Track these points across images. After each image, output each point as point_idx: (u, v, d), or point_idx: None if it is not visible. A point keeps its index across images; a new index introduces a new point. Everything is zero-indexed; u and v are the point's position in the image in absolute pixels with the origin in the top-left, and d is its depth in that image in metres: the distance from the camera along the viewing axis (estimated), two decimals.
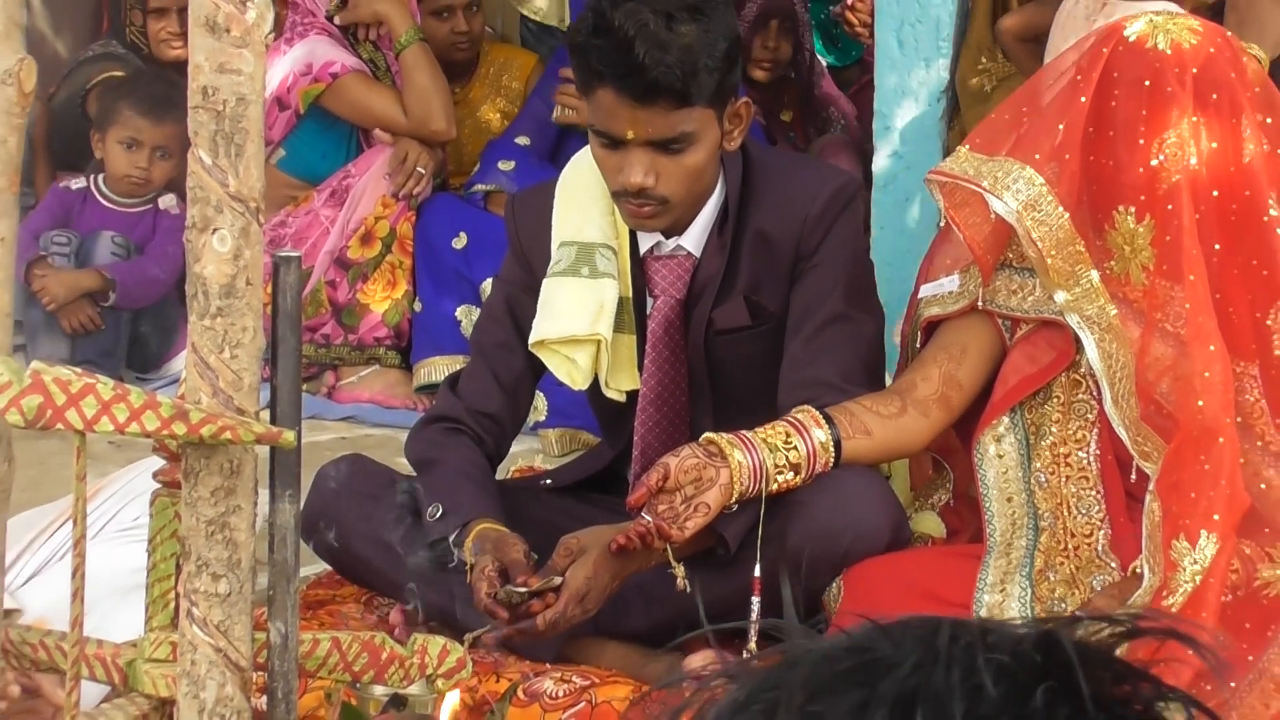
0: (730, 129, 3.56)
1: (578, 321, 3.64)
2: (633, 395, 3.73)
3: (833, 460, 3.33)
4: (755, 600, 3.30)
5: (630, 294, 3.70)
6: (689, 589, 3.27)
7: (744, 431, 3.28)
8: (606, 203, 3.67)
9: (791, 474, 3.28)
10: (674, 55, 3.37)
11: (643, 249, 3.70)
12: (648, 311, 3.71)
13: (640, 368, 3.71)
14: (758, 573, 3.29)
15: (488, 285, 4.89)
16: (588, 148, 3.71)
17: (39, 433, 2.11)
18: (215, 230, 2.05)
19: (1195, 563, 3.15)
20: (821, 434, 3.31)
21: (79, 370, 2.09)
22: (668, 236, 3.67)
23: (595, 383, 3.70)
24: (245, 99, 2.05)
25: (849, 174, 3.97)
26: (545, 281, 3.69)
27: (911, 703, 0.85)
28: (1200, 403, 3.20)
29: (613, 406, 3.78)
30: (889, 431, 3.40)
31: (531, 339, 3.66)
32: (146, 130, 5.50)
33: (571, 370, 3.67)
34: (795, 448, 3.28)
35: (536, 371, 3.79)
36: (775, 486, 3.27)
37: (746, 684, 0.92)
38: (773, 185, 3.68)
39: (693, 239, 3.66)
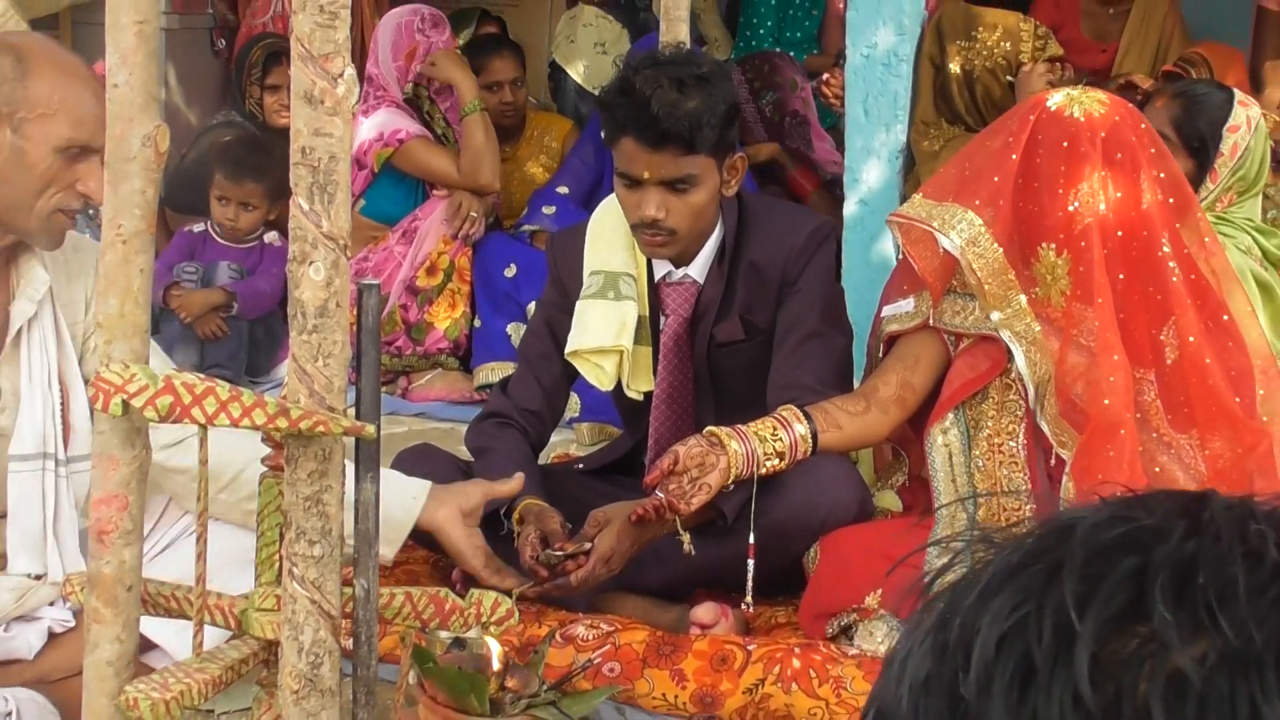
0: (728, 178, 3.57)
1: (605, 335, 3.66)
2: (649, 395, 3.75)
3: (811, 449, 3.34)
4: (750, 562, 3.31)
5: (647, 313, 3.72)
6: (693, 553, 3.29)
7: (739, 426, 3.29)
8: (628, 239, 3.69)
9: (778, 460, 3.29)
10: (682, 111, 3.40)
11: (657, 276, 3.72)
12: (661, 328, 3.72)
13: (655, 373, 3.73)
14: (752, 540, 3.30)
15: (532, 306, 4.90)
16: (612, 196, 3.73)
17: (172, 424, 2.11)
18: (311, 263, 2.05)
19: None
20: (802, 428, 3.32)
21: (202, 375, 2.10)
22: (677, 266, 3.68)
23: (619, 385, 3.71)
24: (336, 157, 2.05)
25: (825, 217, 3.98)
26: (579, 303, 3.70)
27: (1192, 567, 0.72)
28: (1106, 401, 3.21)
29: (632, 404, 3.79)
30: (856, 426, 3.41)
31: (567, 349, 3.68)
32: (230, 189, 5.52)
33: (599, 375, 3.69)
34: (780, 439, 3.29)
35: (571, 376, 3.80)
36: (764, 470, 3.28)
37: (1017, 549, 0.78)
38: (763, 225, 3.69)
39: (698, 268, 3.68)
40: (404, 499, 3.14)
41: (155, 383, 2.03)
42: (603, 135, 3.68)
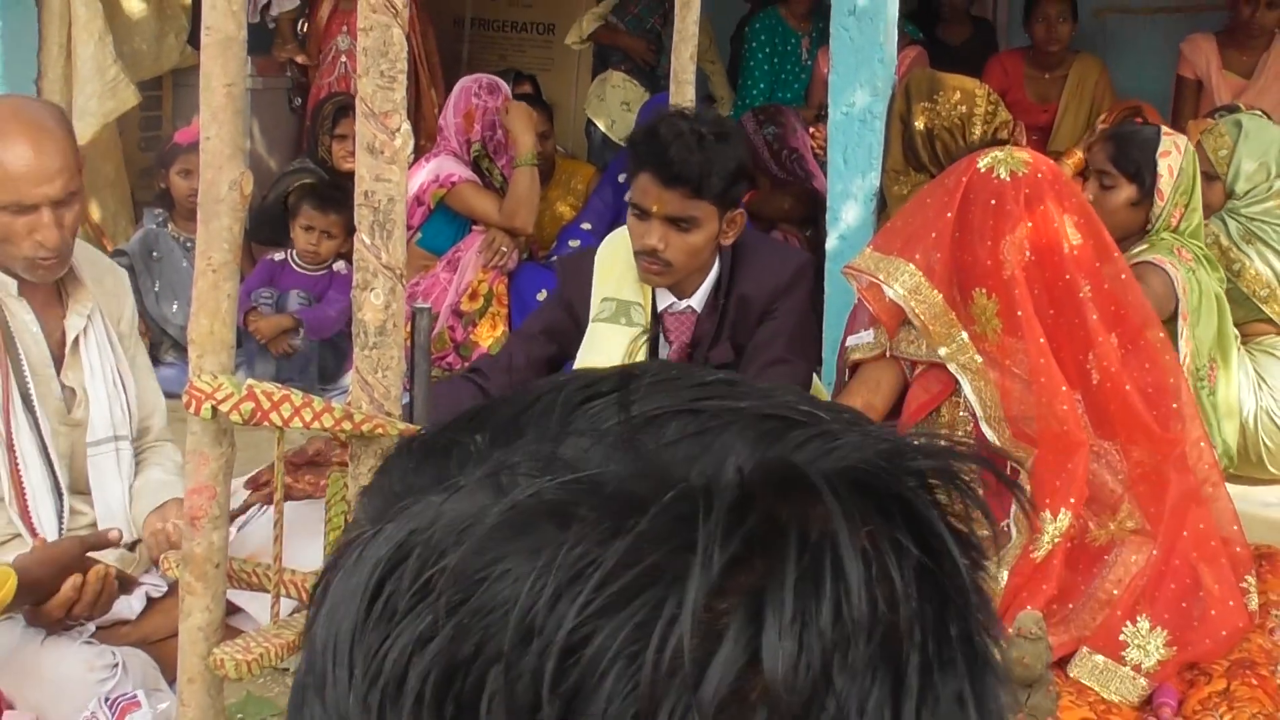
0: (727, 229, 3.53)
1: (618, 356, 3.60)
2: None
3: None
4: None
5: (650, 337, 3.70)
6: None
7: None
8: (636, 272, 3.66)
9: None
10: (695, 158, 3.38)
11: (660, 307, 3.69)
12: (663, 352, 3.69)
13: None
14: None
15: None
16: (618, 230, 3.73)
17: (253, 426, 2.12)
18: (372, 289, 2.05)
19: (1056, 528, 3.15)
20: None
21: (279, 385, 2.10)
22: (679, 299, 3.65)
23: None
24: (393, 199, 2.06)
25: (806, 255, 3.97)
26: (592, 325, 3.64)
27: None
28: (1065, 426, 3.21)
29: None
30: None
31: (579, 365, 3.64)
32: (317, 219, 5.53)
33: None
34: None
35: (552, 362, 3.73)
36: None
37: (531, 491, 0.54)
38: (754, 262, 3.65)
39: (697, 300, 3.65)
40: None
41: (239, 391, 2.03)
42: (627, 169, 3.67)
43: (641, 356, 3.61)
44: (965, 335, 3.31)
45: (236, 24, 2.11)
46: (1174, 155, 4.26)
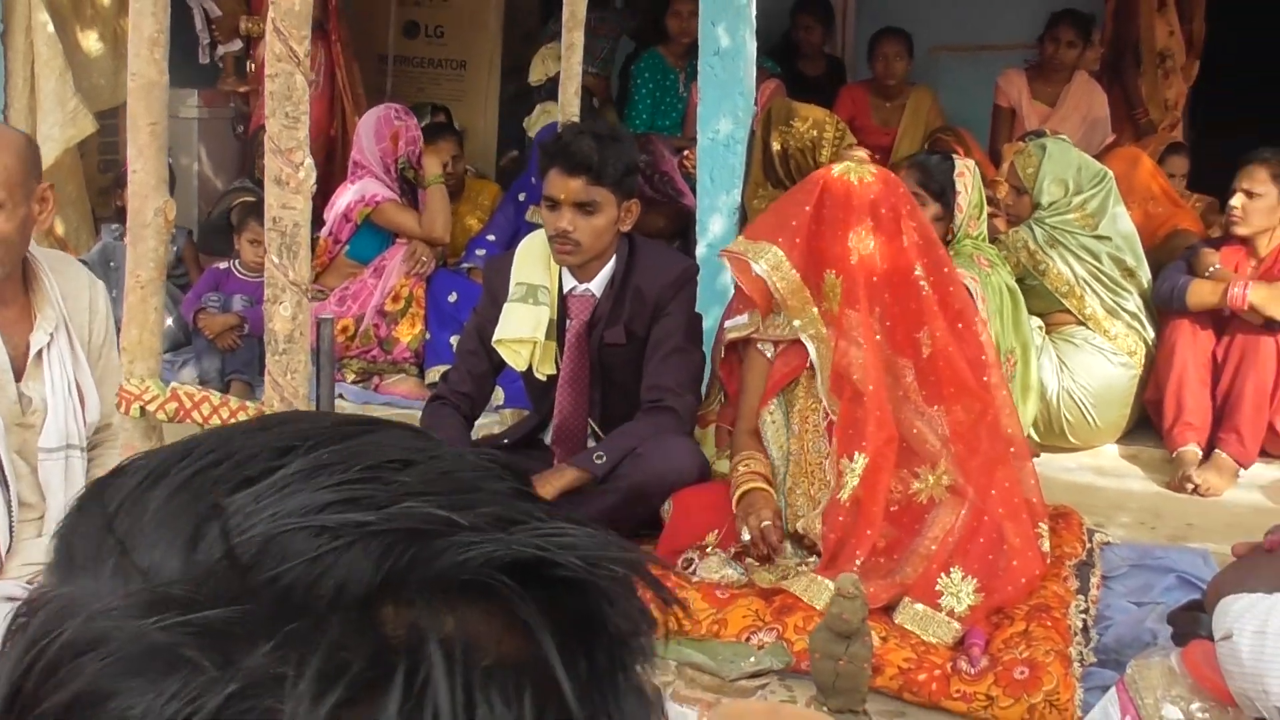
0: (624, 217, 3.63)
1: (524, 329, 3.68)
2: (551, 378, 3.75)
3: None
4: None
5: (556, 317, 3.73)
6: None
7: (762, 475, 3.39)
8: (545, 261, 3.71)
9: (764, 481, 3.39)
10: (593, 151, 3.51)
11: (565, 289, 3.73)
12: (566, 328, 3.73)
13: (558, 362, 3.73)
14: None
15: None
16: (532, 234, 3.79)
17: (177, 423, 2.09)
18: (281, 303, 2.04)
19: (854, 471, 3.23)
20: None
21: (199, 387, 2.08)
22: (580, 283, 3.69)
23: (530, 369, 3.72)
24: (299, 224, 2.04)
25: (691, 260, 4.03)
26: (506, 304, 3.72)
27: None
28: (856, 376, 3.30)
29: (539, 385, 3.79)
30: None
31: (494, 337, 3.70)
32: (262, 234, 5.44)
33: (516, 358, 3.71)
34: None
35: (495, 368, 3.79)
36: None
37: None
38: (647, 261, 3.72)
39: (596, 285, 3.71)
40: None
41: (164, 393, 2.01)
42: (537, 172, 3.73)
43: (543, 331, 3.65)
44: (816, 310, 3.39)
45: (158, 70, 2.09)
46: (966, 176, 4.46)
